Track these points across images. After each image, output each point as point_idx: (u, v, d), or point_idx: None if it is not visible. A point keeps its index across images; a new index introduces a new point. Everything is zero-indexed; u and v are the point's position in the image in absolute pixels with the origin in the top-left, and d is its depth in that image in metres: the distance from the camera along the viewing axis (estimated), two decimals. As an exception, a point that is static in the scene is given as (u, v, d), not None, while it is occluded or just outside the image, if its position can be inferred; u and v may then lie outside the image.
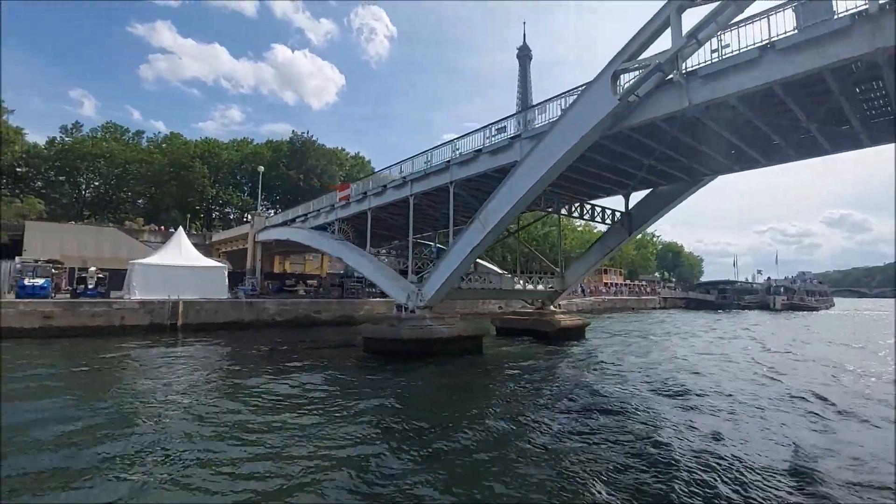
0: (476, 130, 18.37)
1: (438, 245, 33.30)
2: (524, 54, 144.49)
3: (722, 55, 10.55)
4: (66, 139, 54.09)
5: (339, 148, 75.09)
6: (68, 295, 24.96)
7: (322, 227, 28.46)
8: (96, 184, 56.96)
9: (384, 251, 35.61)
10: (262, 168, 43.01)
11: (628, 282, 76.89)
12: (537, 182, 14.69)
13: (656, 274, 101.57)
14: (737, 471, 6.73)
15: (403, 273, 21.77)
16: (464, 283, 19.43)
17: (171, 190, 54.71)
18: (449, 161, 18.78)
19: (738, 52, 10.28)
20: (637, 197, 22.02)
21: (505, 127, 17.19)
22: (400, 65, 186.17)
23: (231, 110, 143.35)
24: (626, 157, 16.56)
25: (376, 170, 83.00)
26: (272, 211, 67.71)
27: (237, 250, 44.90)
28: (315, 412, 9.72)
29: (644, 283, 78.79)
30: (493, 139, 17.59)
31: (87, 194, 56.42)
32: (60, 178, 53.41)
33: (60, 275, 29.25)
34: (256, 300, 28.45)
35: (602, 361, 17.50)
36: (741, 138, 13.89)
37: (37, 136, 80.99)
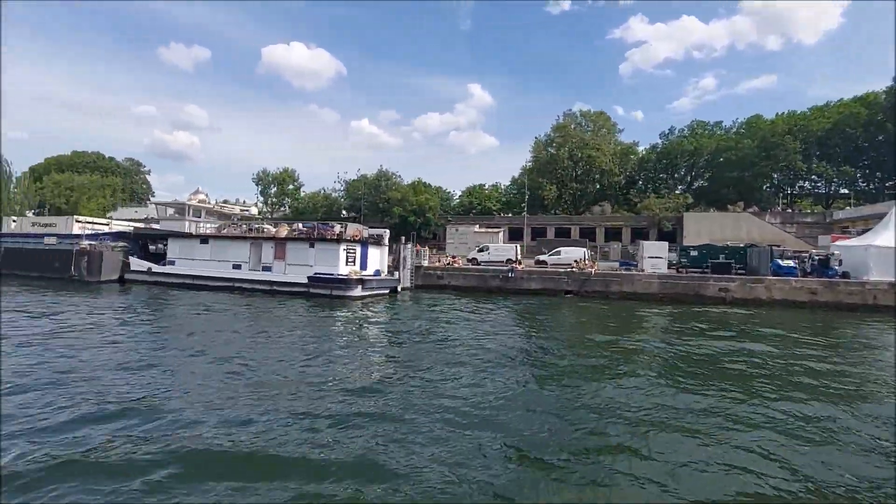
0: None
1: None
2: None
3: None
4: (665, 143, 66.30)
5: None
6: (801, 274, 29.38)
7: None
8: (682, 173, 66.90)
9: None
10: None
11: None
12: None
13: None
14: None
15: None
16: None
17: (762, 171, 56.57)
18: None
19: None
20: None
21: None
22: None
23: (704, 80, 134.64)
24: None
25: None
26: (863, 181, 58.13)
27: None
28: None
29: None
30: None
31: (678, 185, 67.18)
32: (662, 175, 66.26)
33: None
34: None
35: None
36: None
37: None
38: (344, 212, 60.66)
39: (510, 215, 66.69)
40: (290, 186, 65.74)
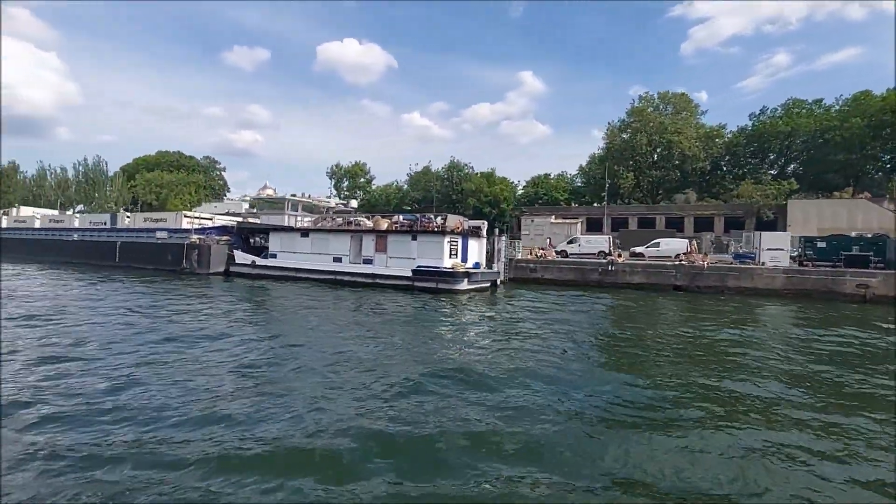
0: None
1: None
2: None
3: None
4: (755, 124, 61.41)
5: None
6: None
7: None
8: (772, 156, 61.80)
9: None
10: None
11: None
12: None
13: None
14: None
15: None
16: None
17: (874, 152, 51.15)
18: None
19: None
20: None
21: None
22: None
23: (776, 56, 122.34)
24: None
25: None
26: None
27: None
28: None
29: None
30: None
31: (769, 170, 62.10)
32: (751, 160, 61.54)
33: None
34: None
35: None
36: None
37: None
38: (416, 203, 60.92)
39: (589, 205, 64.32)
40: (362, 180, 66.91)
